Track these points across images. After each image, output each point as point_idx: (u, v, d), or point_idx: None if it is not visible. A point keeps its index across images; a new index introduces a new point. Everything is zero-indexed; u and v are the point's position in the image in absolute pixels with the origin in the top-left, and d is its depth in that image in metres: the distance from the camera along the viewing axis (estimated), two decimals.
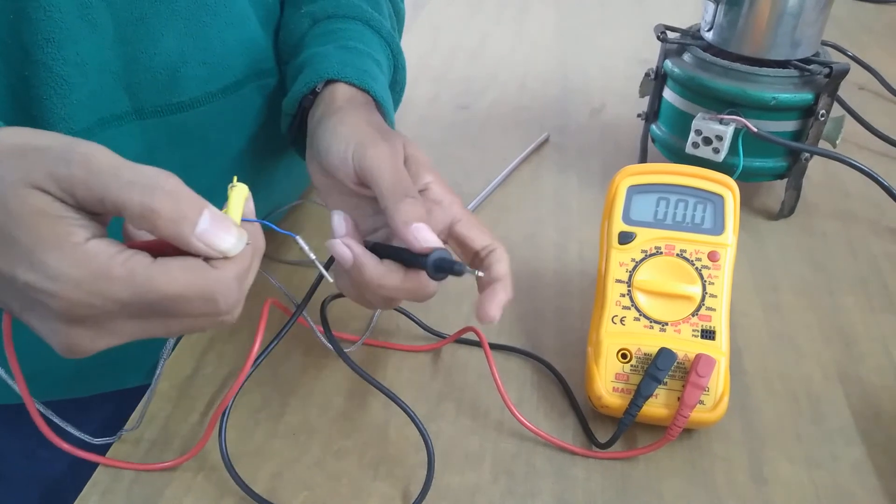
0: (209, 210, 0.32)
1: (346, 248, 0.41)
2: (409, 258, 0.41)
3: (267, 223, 0.37)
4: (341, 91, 0.50)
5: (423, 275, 0.41)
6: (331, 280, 0.43)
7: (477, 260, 0.45)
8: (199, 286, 0.32)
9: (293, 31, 0.56)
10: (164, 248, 0.33)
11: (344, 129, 0.46)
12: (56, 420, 0.45)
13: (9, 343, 0.39)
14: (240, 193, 0.35)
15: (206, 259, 0.32)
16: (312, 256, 0.39)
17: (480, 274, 0.42)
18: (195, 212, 0.32)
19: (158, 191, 0.31)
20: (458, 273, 0.39)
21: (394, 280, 0.41)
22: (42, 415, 0.43)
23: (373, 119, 0.48)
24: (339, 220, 0.43)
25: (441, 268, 0.40)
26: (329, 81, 0.51)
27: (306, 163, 0.50)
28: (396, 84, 0.60)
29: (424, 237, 0.40)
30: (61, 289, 0.30)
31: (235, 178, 0.36)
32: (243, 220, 0.35)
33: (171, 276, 0.31)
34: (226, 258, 0.33)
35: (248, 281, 0.35)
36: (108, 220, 0.34)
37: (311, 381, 0.51)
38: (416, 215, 0.41)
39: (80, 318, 0.32)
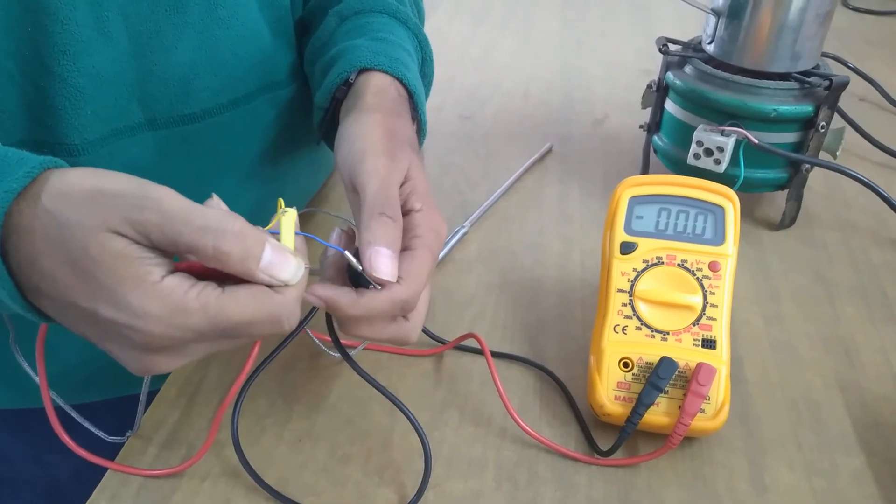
0: (270, 244, 0.35)
1: (315, 297, 0.40)
2: (354, 279, 0.41)
3: (315, 238, 0.39)
4: (374, 81, 0.50)
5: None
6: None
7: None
8: (267, 311, 0.35)
9: (322, 32, 0.57)
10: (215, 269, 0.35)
11: (356, 131, 0.45)
12: (75, 415, 0.47)
13: (40, 353, 0.42)
14: (290, 219, 0.37)
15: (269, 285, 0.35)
16: (360, 269, 0.39)
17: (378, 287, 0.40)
18: (259, 248, 0.34)
19: (228, 234, 0.33)
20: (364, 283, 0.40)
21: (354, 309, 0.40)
22: (57, 414, 0.44)
23: (392, 126, 0.47)
24: (335, 237, 0.43)
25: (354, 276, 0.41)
26: (362, 71, 0.50)
27: (334, 153, 0.49)
28: (425, 77, 0.60)
29: (382, 264, 0.39)
30: (146, 324, 0.33)
31: (282, 202, 0.38)
32: (295, 233, 0.37)
33: (241, 304, 0.34)
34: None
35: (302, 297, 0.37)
36: (174, 254, 0.36)
37: (317, 388, 0.52)
38: (384, 238, 0.40)
39: (159, 348, 0.35)
